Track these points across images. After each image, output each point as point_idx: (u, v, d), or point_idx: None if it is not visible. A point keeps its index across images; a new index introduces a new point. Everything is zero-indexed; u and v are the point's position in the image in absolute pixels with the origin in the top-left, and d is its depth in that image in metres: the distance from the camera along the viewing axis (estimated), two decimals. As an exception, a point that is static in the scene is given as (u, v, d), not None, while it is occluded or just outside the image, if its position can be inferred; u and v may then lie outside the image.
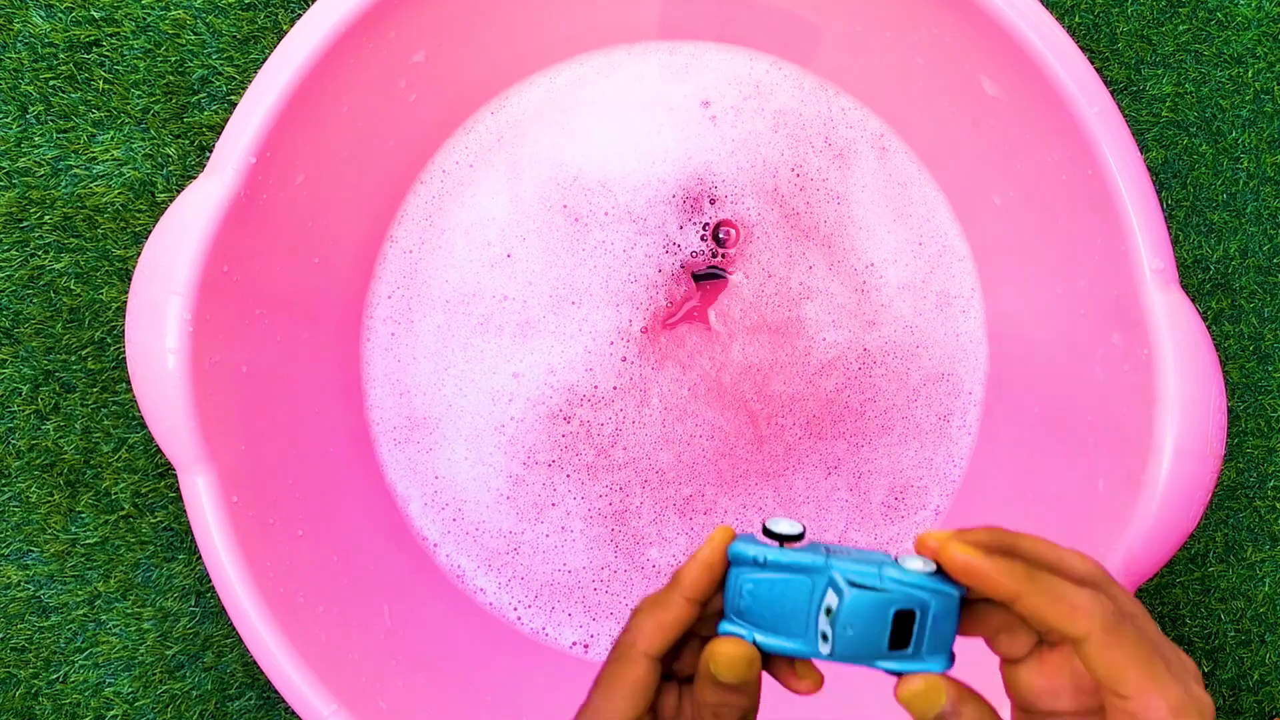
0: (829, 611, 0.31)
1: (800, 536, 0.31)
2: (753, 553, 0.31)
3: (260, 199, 0.47)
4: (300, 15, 0.58)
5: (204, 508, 0.45)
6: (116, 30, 0.58)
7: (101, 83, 0.59)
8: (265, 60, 0.58)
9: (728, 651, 0.30)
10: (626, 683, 0.31)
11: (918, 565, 0.30)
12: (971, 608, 0.31)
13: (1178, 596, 0.61)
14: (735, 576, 0.31)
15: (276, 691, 0.56)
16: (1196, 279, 0.60)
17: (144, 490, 0.59)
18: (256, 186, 0.46)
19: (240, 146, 0.45)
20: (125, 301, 0.59)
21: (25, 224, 0.59)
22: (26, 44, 0.58)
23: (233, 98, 0.59)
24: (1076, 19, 0.59)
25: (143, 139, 0.59)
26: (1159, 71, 0.60)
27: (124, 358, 0.59)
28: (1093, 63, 0.56)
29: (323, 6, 0.46)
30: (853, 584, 0.30)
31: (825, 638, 0.31)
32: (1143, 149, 0.59)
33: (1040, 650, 0.31)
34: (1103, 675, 0.28)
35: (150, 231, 0.59)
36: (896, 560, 0.30)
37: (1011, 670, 0.31)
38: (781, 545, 0.31)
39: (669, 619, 0.31)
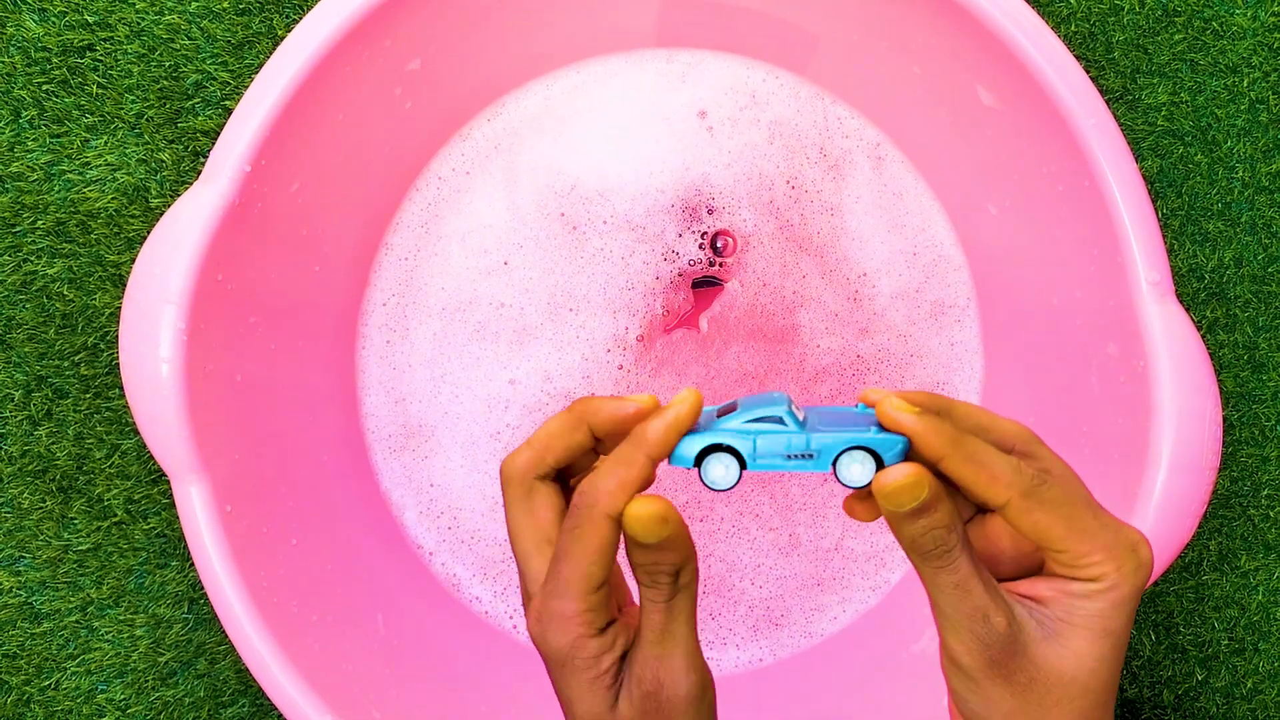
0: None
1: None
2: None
3: (255, 207, 0.46)
4: (295, 21, 0.58)
5: (197, 517, 0.45)
6: (110, 35, 0.58)
7: (95, 87, 0.58)
8: (260, 65, 0.58)
9: (639, 513, 0.29)
10: (593, 547, 0.30)
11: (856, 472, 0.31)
12: None
13: (1171, 605, 0.61)
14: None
15: (269, 699, 0.56)
16: (1191, 288, 0.60)
17: (137, 496, 0.59)
18: (252, 195, 0.46)
19: (235, 154, 0.45)
20: (118, 307, 0.59)
21: (18, 229, 0.58)
22: (20, 48, 0.58)
23: (227, 103, 0.59)
24: (1073, 28, 0.59)
25: (136, 144, 0.58)
26: (1155, 80, 0.60)
27: (117, 364, 0.59)
28: (1088, 72, 0.56)
29: (318, 14, 0.46)
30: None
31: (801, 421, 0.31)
32: (1138, 158, 0.60)
33: (980, 517, 0.33)
34: (1031, 535, 0.30)
35: (144, 237, 0.59)
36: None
37: None
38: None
39: (632, 478, 0.30)
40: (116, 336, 0.59)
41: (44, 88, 0.58)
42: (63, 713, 0.59)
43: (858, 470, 0.30)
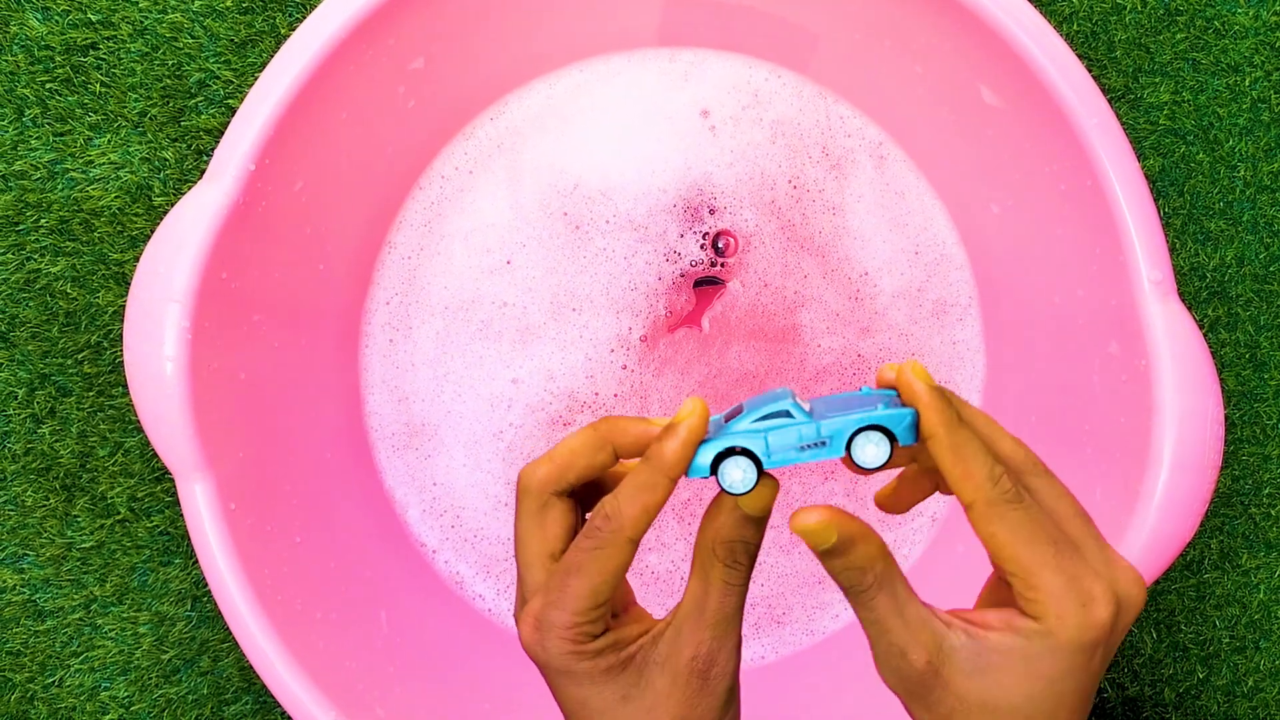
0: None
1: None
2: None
3: (259, 206, 0.46)
4: (298, 19, 0.58)
5: (202, 516, 0.45)
6: (114, 33, 0.58)
7: (98, 86, 0.58)
8: (263, 64, 0.58)
9: (762, 491, 0.31)
10: (610, 569, 0.31)
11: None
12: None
13: (1173, 603, 0.61)
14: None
15: (273, 696, 0.56)
16: (1193, 287, 0.60)
17: (140, 494, 0.59)
18: (255, 194, 0.46)
19: (239, 153, 0.45)
20: (122, 305, 0.59)
21: (21, 227, 0.58)
22: (23, 46, 0.58)
23: (230, 101, 0.59)
24: (1075, 26, 0.59)
25: (140, 142, 0.59)
26: (1157, 79, 0.60)
27: (120, 362, 0.59)
28: (1090, 70, 0.56)
29: (322, 13, 0.46)
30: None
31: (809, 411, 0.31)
32: (1140, 157, 0.60)
33: None
34: (985, 546, 0.30)
35: (147, 235, 0.59)
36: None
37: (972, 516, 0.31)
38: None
39: (655, 501, 0.30)
40: (119, 335, 0.59)
41: (47, 86, 0.58)
42: (66, 710, 0.59)
43: (872, 450, 0.30)
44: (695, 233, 0.59)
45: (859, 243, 0.59)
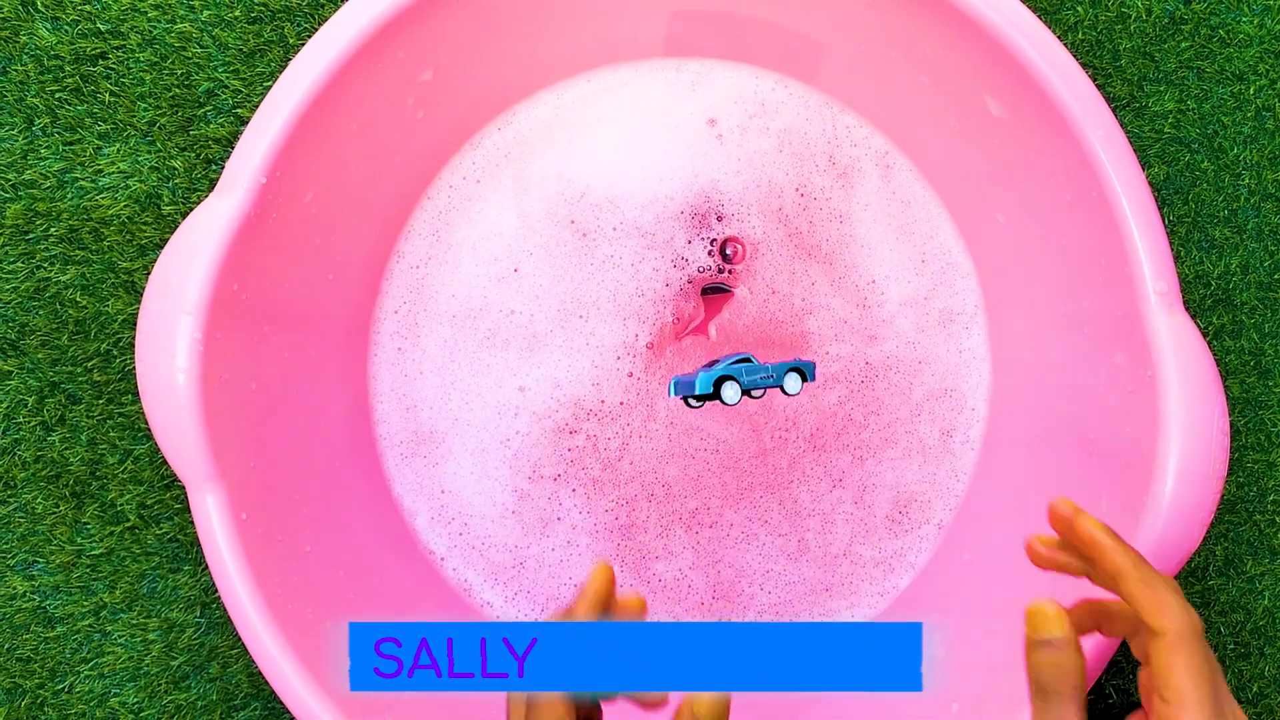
0: None
1: None
2: None
3: (270, 218, 0.47)
4: (307, 29, 0.59)
5: (213, 526, 0.45)
6: (123, 43, 0.59)
7: (108, 95, 0.59)
8: (271, 73, 0.59)
9: (710, 701, 0.35)
10: None
11: None
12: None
13: (1177, 610, 0.61)
14: None
15: (281, 702, 0.57)
16: (1198, 294, 0.60)
17: (149, 502, 0.59)
18: (266, 206, 0.46)
19: (251, 166, 0.45)
20: (131, 314, 0.59)
21: (31, 236, 0.59)
22: (33, 56, 0.59)
23: (239, 111, 0.59)
24: (1080, 35, 0.60)
25: (149, 152, 0.59)
26: (1161, 88, 0.60)
27: (130, 369, 0.59)
28: (1095, 79, 0.56)
29: (332, 26, 0.46)
30: None
31: None
32: (1145, 165, 0.60)
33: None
34: (1158, 674, 0.32)
35: (156, 244, 0.59)
36: None
37: None
38: None
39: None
40: (129, 343, 0.59)
41: (57, 95, 0.59)
42: (76, 716, 0.60)
43: (793, 382, 0.58)
44: (703, 239, 0.59)
45: (866, 250, 0.60)
